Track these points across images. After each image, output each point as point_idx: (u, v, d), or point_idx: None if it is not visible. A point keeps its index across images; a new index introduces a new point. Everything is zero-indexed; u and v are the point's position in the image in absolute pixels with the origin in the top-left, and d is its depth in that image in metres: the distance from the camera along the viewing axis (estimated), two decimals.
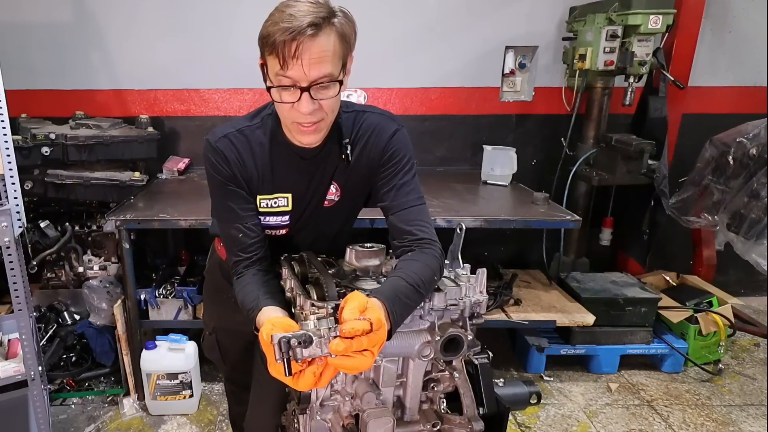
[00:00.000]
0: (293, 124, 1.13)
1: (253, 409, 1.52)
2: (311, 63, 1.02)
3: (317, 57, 1.02)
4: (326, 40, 1.03)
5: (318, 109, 1.09)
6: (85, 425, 2.48)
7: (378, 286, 1.13)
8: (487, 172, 3.09)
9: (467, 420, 1.12)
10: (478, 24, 3.21)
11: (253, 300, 1.14)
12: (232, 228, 1.25)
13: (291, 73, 1.03)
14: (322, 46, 1.02)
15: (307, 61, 1.02)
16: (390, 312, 0.97)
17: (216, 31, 3.13)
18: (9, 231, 1.79)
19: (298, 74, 1.03)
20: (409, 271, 1.07)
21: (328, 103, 1.10)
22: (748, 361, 3.01)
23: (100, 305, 2.67)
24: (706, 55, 3.25)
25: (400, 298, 1.01)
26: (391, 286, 1.04)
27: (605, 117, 3.06)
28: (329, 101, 1.10)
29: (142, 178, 2.87)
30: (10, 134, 1.84)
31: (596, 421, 2.52)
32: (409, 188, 1.24)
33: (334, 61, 1.06)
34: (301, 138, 1.16)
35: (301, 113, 1.08)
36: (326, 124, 1.15)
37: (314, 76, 1.04)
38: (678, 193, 2.90)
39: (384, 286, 1.05)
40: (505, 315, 2.69)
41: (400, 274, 1.06)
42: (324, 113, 1.11)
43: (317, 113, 1.10)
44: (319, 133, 1.15)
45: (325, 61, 1.04)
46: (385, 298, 0.99)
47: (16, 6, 3.03)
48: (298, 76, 1.04)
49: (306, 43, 1.00)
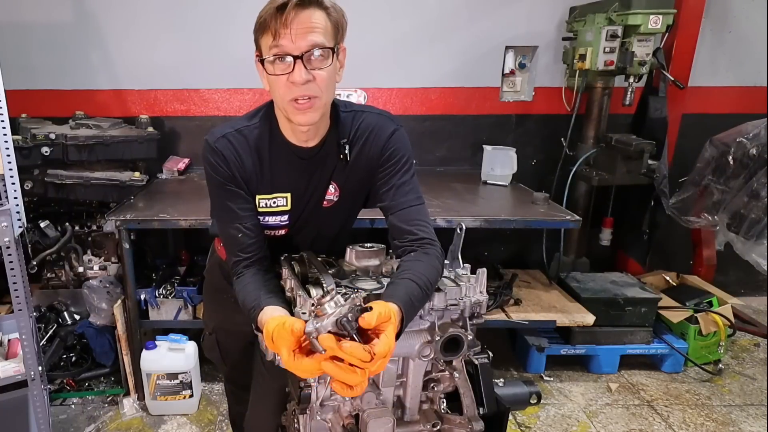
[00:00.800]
0: (289, 104, 1.12)
1: (253, 409, 1.52)
2: (300, 31, 1.06)
3: (306, 26, 1.06)
4: (314, 13, 1.07)
5: (312, 81, 1.09)
6: (85, 425, 2.48)
7: (378, 285, 1.14)
8: (487, 172, 3.09)
9: (467, 420, 1.12)
10: (478, 24, 3.21)
11: (255, 299, 1.14)
12: (232, 228, 1.25)
13: (282, 43, 1.07)
14: (311, 17, 1.06)
15: (296, 29, 1.05)
16: (403, 319, 0.99)
17: (216, 31, 3.13)
18: (9, 231, 1.79)
19: (289, 43, 1.06)
20: (418, 272, 1.08)
21: (321, 76, 1.10)
22: (748, 361, 3.01)
23: (100, 305, 2.67)
24: (706, 55, 3.25)
25: (413, 302, 1.02)
26: (406, 290, 1.03)
27: (605, 117, 3.06)
28: (323, 74, 1.10)
29: (142, 178, 2.87)
30: (10, 134, 1.84)
31: (596, 421, 2.52)
32: (408, 188, 1.25)
33: (324, 33, 1.08)
34: (298, 117, 1.14)
35: (295, 83, 1.08)
36: (322, 103, 1.14)
37: (305, 44, 1.07)
38: (678, 193, 2.90)
39: (399, 289, 1.04)
40: (505, 315, 2.69)
41: (410, 276, 1.06)
42: (318, 89, 1.11)
43: (311, 86, 1.10)
44: (316, 111, 1.14)
45: (315, 31, 1.07)
46: (403, 304, 0.99)
47: (16, 6, 3.03)
48: (288, 46, 1.07)
49: (294, 12, 1.04)
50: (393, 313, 0.94)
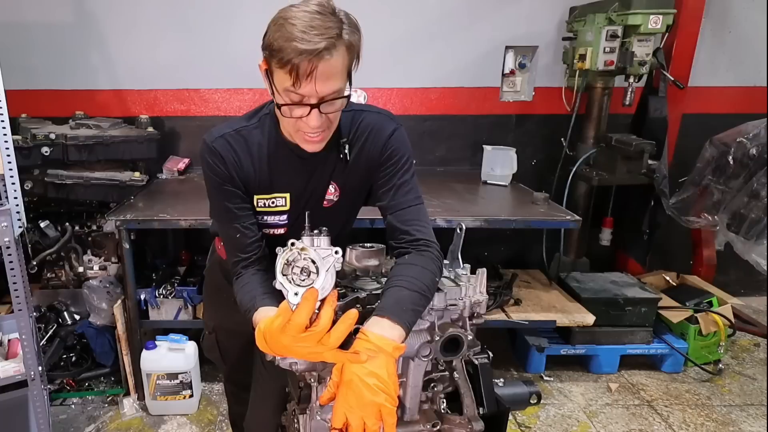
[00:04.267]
0: (298, 134, 1.14)
1: (253, 409, 1.52)
2: (322, 81, 1.03)
3: (328, 75, 1.04)
4: (337, 59, 1.04)
5: (324, 121, 1.11)
6: (85, 425, 2.48)
7: (377, 285, 1.14)
8: (487, 172, 3.09)
9: (467, 420, 1.12)
10: (478, 24, 3.21)
11: (251, 300, 1.14)
12: (230, 228, 1.25)
13: (302, 91, 1.04)
14: (333, 65, 1.03)
15: (319, 81, 1.03)
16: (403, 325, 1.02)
17: (216, 31, 3.13)
18: (9, 231, 1.79)
19: (310, 92, 1.04)
20: (409, 277, 1.08)
21: (334, 115, 1.13)
22: (748, 361, 3.01)
23: (100, 305, 2.67)
24: (706, 55, 3.25)
25: (407, 308, 1.04)
26: (395, 298, 1.05)
27: (605, 117, 3.06)
28: (336, 113, 1.13)
29: (142, 178, 2.87)
30: (10, 134, 1.85)
31: (596, 421, 2.52)
32: (407, 188, 1.24)
33: (343, 76, 1.07)
34: (306, 146, 1.17)
35: (310, 127, 1.10)
36: (330, 132, 1.17)
37: (324, 93, 1.05)
38: (678, 193, 2.91)
39: (388, 299, 1.06)
40: (505, 315, 2.69)
41: (401, 284, 1.07)
42: (330, 123, 1.14)
43: (323, 125, 1.11)
44: (324, 142, 1.17)
45: (335, 78, 1.05)
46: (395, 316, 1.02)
47: (16, 6, 3.03)
48: (309, 93, 1.05)
49: (319, 64, 1.01)
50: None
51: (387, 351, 0.97)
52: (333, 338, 0.96)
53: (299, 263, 0.96)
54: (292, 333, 0.95)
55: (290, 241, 0.96)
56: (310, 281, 0.95)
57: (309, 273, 0.95)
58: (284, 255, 0.96)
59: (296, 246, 0.96)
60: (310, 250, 0.96)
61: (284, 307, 0.97)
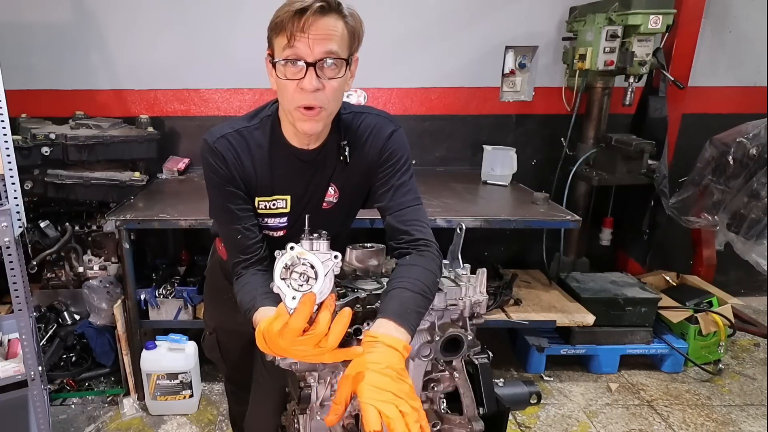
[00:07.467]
0: (296, 111, 1.11)
1: (253, 409, 1.52)
2: (317, 39, 1.04)
3: (323, 33, 1.04)
4: (333, 22, 1.05)
5: (321, 90, 1.09)
6: (85, 425, 2.48)
7: (378, 285, 1.14)
8: (487, 172, 3.09)
9: (467, 420, 1.12)
10: (478, 24, 3.21)
11: (251, 300, 1.14)
12: (231, 229, 1.24)
13: (297, 47, 1.05)
14: (329, 25, 1.05)
15: (313, 36, 1.04)
16: (408, 328, 1.01)
17: (216, 31, 3.13)
18: (9, 231, 1.79)
19: (304, 48, 1.05)
20: (411, 278, 1.08)
21: (332, 85, 1.10)
22: (748, 361, 3.01)
23: (100, 305, 2.67)
24: (706, 55, 3.25)
25: (411, 310, 1.03)
26: (399, 300, 1.04)
27: (605, 117, 3.06)
28: (333, 84, 1.10)
29: (142, 178, 2.87)
30: (10, 134, 1.84)
31: (596, 421, 2.52)
32: (406, 189, 1.24)
33: (340, 43, 1.07)
34: (302, 125, 1.14)
35: (305, 90, 1.07)
36: (327, 114, 1.14)
37: (319, 52, 1.05)
38: (678, 193, 2.90)
39: (392, 301, 1.05)
40: (505, 315, 2.69)
41: (404, 285, 1.07)
42: (326, 99, 1.11)
43: (320, 96, 1.09)
44: (320, 122, 1.14)
45: (331, 39, 1.05)
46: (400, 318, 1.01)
47: (16, 6, 3.03)
48: (304, 51, 1.05)
49: (313, 18, 1.03)
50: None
51: (398, 349, 0.97)
52: (331, 339, 0.96)
53: (298, 268, 0.95)
54: (290, 337, 0.95)
55: (289, 244, 0.95)
56: (308, 286, 0.94)
57: (308, 278, 0.95)
58: (283, 259, 0.95)
59: (295, 250, 0.95)
60: (309, 254, 0.95)
61: (282, 311, 0.96)
